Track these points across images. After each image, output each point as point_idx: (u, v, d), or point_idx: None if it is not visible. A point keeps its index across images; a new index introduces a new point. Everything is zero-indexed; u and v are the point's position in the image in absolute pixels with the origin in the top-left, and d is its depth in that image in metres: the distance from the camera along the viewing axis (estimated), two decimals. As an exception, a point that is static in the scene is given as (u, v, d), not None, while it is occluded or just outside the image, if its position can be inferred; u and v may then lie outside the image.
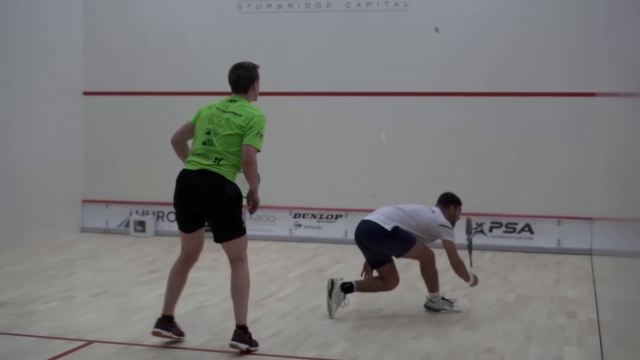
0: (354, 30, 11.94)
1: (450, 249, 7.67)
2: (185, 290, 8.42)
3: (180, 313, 7.48)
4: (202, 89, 12.23)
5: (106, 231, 12.70)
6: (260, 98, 6.97)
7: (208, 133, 6.48)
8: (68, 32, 12.50)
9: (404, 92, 11.79)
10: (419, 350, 6.48)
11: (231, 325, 7.04)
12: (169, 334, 6.53)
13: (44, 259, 10.32)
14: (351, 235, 11.78)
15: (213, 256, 10.68)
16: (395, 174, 11.84)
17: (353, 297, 7.90)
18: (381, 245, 7.68)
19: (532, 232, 11.45)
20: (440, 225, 7.70)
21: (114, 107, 12.78)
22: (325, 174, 12.02)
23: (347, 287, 7.57)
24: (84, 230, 12.77)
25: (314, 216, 12.08)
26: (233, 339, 6.34)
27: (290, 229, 12.16)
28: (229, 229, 6.49)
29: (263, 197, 6.56)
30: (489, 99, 11.58)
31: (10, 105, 11.31)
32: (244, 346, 6.30)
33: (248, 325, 6.47)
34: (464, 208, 8.23)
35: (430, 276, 7.75)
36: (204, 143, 6.47)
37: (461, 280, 7.97)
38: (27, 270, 9.59)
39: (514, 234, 11.49)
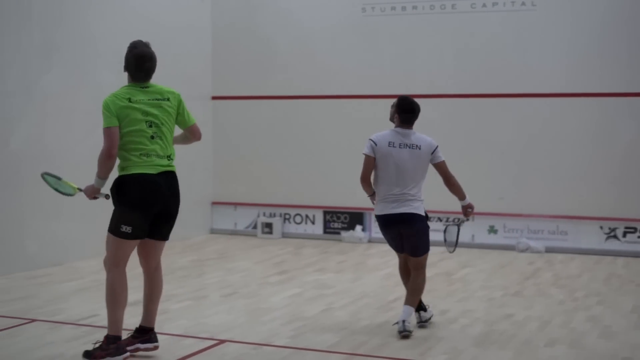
0: (480, 32, 11.76)
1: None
2: (313, 293, 8.54)
3: (307, 315, 7.55)
4: (328, 92, 12.35)
5: (234, 233, 12.93)
6: (384, 100, 6.96)
7: (150, 126, 6.04)
8: (197, 39, 12.80)
9: (533, 93, 11.54)
10: (551, 358, 6.32)
11: (360, 327, 7.07)
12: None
13: (175, 259, 10.58)
14: (479, 239, 11.69)
15: (340, 258, 10.75)
16: (524, 176, 11.60)
17: (478, 303, 7.78)
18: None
19: (668, 238, 11.04)
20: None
21: (242, 111, 13.00)
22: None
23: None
24: (213, 231, 13.05)
25: (439, 219, 11.96)
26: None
27: (416, 232, 12.05)
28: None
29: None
30: (624, 99, 11.19)
31: (144, 109, 11.63)
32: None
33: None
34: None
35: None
36: (151, 137, 6.03)
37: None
38: (160, 270, 9.83)
39: (649, 240, 11.09)
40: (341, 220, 12.32)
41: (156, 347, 6.25)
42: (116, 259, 6.04)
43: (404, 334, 6.79)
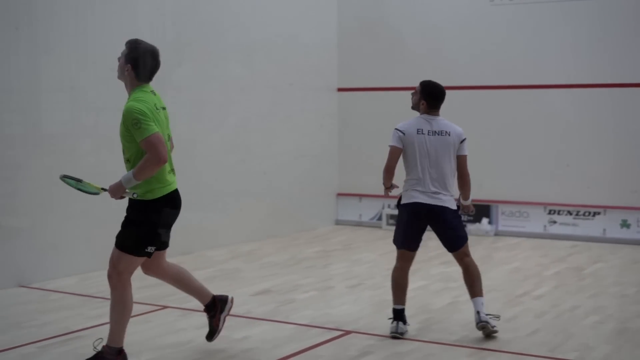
0: (616, 19, 11.37)
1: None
2: (438, 285, 8.48)
3: (433, 307, 7.51)
4: (456, 84, 12.18)
5: (359, 224, 12.96)
6: (513, 91, 6.76)
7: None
8: (323, 31, 12.88)
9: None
10: (689, 357, 6.08)
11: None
12: None
13: (301, 249, 10.70)
14: (611, 234, 11.34)
15: (465, 251, 10.63)
16: (659, 169, 11.20)
17: (610, 300, 7.57)
18: None
19: None
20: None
21: (367, 102, 13.01)
22: (581, 168, 11.55)
23: None
24: (338, 222, 13.12)
25: (569, 213, 11.67)
26: None
27: (545, 226, 11.81)
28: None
29: (516, 192, 6.35)
30: None
31: (271, 102, 11.81)
32: None
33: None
34: None
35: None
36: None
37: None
38: (286, 260, 9.99)
39: None
40: (467, 213, 12.14)
41: (232, 300, 6.24)
42: (129, 274, 5.79)
43: (491, 330, 6.49)
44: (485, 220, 12.04)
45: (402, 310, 6.66)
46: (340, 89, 13.18)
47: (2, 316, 7.12)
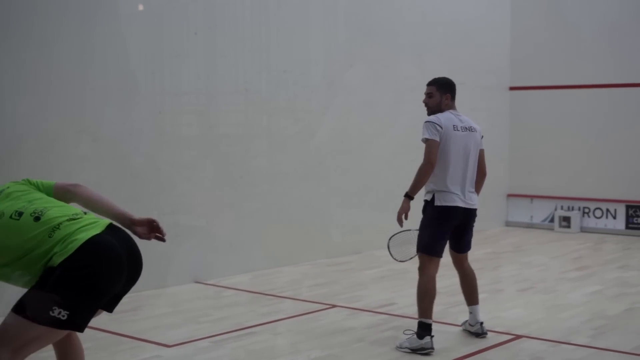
0: None
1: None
2: (615, 290, 8.17)
3: (610, 314, 7.25)
4: (636, 80, 11.75)
5: (530, 226, 12.68)
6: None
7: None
8: (496, 30, 12.69)
9: None
10: None
11: (667, 331, 6.67)
12: None
13: (472, 251, 10.51)
14: None
15: (644, 256, 10.21)
16: None
17: None
18: None
19: None
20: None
21: (540, 101, 12.71)
22: None
23: None
24: (508, 224, 12.89)
25: None
26: None
27: None
28: None
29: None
30: None
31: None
32: None
33: None
34: None
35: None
36: None
37: None
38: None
39: None
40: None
41: None
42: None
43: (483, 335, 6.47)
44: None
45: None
46: (512, 88, 12.95)
47: (178, 311, 7.42)
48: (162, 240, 4.29)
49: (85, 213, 3.98)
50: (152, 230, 4.29)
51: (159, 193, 8.29)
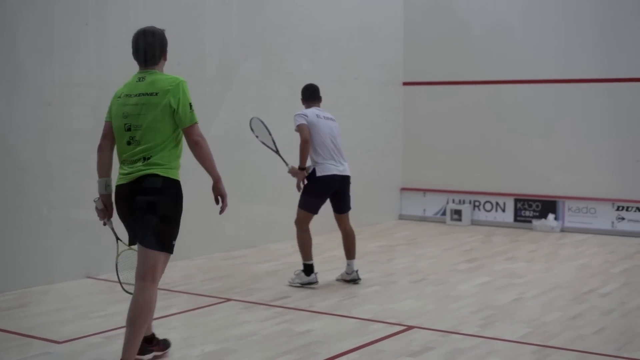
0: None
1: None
2: (503, 281, 8.41)
3: (498, 304, 7.45)
4: (523, 77, 12.08)
5: (423, 219, 12.92)
6: (583, 85, 6.62)
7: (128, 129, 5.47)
8: (390, 25, 12.85)
9: None
10: None
11: (552, 319, 6.89)
12: (151, 356, 5.73)
13: (365, 244, 10.69)
14: (681, 231, 11.10)
15: (531, 247, 10.52)
16: None
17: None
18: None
19: None
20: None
21: (433, 96, 12.94)
22: (652, 164, 11.34)
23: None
24: (402, 217, 13.09)
25: (638, 209, 11.44)
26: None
27: (613, 222, 11.61)
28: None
29: (583, 188, 6.22)
30: None
31: (335, 96, 11.80)
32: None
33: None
34: None
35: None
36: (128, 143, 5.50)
37: None
38: (350, 254, 9.98)
39: None
40: (532, 209, 12.03)
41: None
42: None
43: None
44: (551, 216, 11.89)
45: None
46: (405, 83, 13.14)
47: (69, 306, 7.27)
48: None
49: None
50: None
51: (48, 187, 8.09)
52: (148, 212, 5.46)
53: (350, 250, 8.29)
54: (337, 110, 11.84)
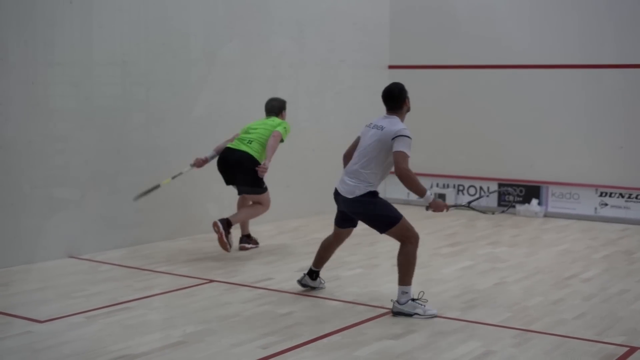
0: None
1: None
2: (486, 266, 8.44)
3: (480, 288, 7.47)
4: (509, 62, 12.08)
5: (407, 202, 12.90)
6: (567, 70, 6.62)
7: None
8: (376, 7, 12.81)
9: None
10: None
11: (534, 304, 6.92)
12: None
13: (348, 227, 10.68)
14: (662, 217, 11.15)
15: (514, 232, 10.55)
16: None
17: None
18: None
19: None
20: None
21: (418, 80, 12.91)
22: (635, 150, 11.36)
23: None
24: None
25: (621, 195, 11.49)
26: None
27: (595, 208, 11.65)
28: None
29: (567, 174, 6.29)
30: None
31: (320, 79, 11.80)
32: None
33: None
34: None
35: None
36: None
37: None
38: (333, 237, 9.99)
39: None
40: (517, 193, 12.07)
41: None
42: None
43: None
44: (535, 201, 11.92)
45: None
46: (391, 67, 13.11)
47: (52, 286, 7.25)
48: None
49: None
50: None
51: (30, 166, 8.04)
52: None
53: (325, 260, 7.36)
54: (322, 93, 11.87)
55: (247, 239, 9.13)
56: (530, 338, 6.01)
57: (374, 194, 6.74)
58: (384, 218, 6.71)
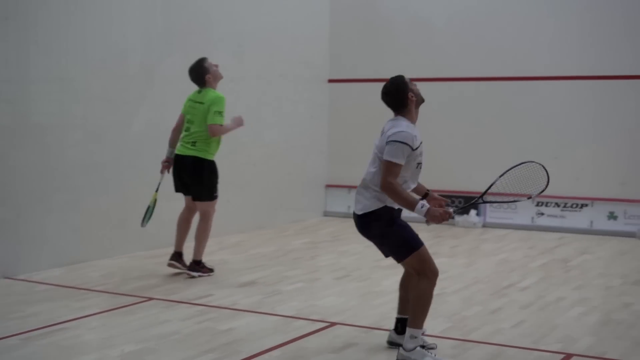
0: (609, 11, 11.40)
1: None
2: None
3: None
4: (448, 75, 12.23)
5: (348, 215, 12.95)
6: (504, 83, 6.74)
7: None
8: (315, 22, 12.88)
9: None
10: (671, 350, 6.10)
11: (473, 314, 7.00)
12: (180, 265, 8.52)
13: (289, 241, 10.71)
14: (597, 226, 11.39)
15: (453, 243, 10.66)
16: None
17: (596, 291, 7.63)
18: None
19: None
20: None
21: (358, 93, 13.01)
22: (570, 161, 11.58)
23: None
24: (326, 214, 13.13)
25: (557, 205, 11.70)
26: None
27: (532, 218, 11.85)
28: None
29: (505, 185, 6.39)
30: None
31: (261, 93, 11.80)
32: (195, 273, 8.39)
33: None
34: None
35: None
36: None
37: None
38: (274, 251, 10.00)
39: None
40: (455, 205, 12.17)
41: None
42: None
43: None
44: (473, 212, 12.07)
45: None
46: (331, 80, 13.18)
47: (-13, 307, 7.12)
48: None
49: None
50: None
51: (-36, 185, 7.91)
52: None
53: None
54: (262, 107, 11.87)
55: (178, 257, 8.62)
56: (468, 348, 6.08)
57: (387, 211, 5.81)
58: (399, 242, 5.80)
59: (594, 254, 9.98)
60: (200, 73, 8.58)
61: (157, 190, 8.43)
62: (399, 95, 6.22)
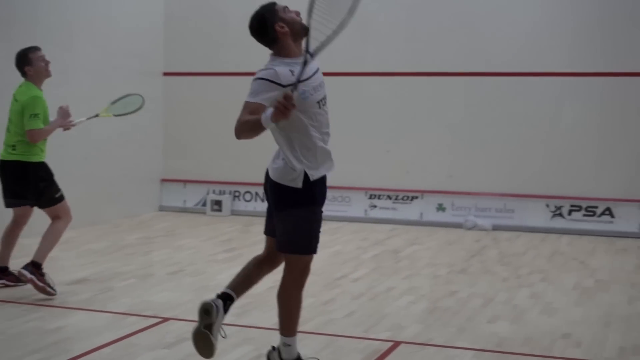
0: (432, 9, 11.80)
1: None
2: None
3: (254, 292, 7.55)
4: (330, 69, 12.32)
5: (183, 210, 12.87)
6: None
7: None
8: (149, 14, 12.67)
9: (481, 72, 11.60)
10: (493, 334, 6.40)
11: (305, 305, 7.08)
12: (2, 281, 7.59)
13: (122, 236, 10.52)
14: (427, 217, 11.78)
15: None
16: (472, 154, 11.69)
17: (424, 280, 7.90)
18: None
19: (612, 216, 11.18)
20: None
21: (193, 87, 12.91)
22: (401, 154, 11.94)
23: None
24: (162, 208, 12.98)
25: (389, 197, 12.03)
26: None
27: (365, 210, 12.13)
28: None
29: (338, 178, 6.51)
30: (569, 79, 11.32)
31: (93, 86, 11.51)
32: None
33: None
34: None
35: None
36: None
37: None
38: (107, 247, 9.80)
39: (594, 218, 11.23)
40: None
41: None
42: None
43: None
44: (308, 205, 12.21)
45: None
46: (165, 74, 13.02)
47: None
48: None
49: None
50: None
51: None
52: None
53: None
54: (94, 100, 11.53)
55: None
56: (301, 339, 6.14)
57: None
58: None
59: (423, 244, 10.33)
60: (20, 62, 7.66)
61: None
62: (263, 31, 5.28)
